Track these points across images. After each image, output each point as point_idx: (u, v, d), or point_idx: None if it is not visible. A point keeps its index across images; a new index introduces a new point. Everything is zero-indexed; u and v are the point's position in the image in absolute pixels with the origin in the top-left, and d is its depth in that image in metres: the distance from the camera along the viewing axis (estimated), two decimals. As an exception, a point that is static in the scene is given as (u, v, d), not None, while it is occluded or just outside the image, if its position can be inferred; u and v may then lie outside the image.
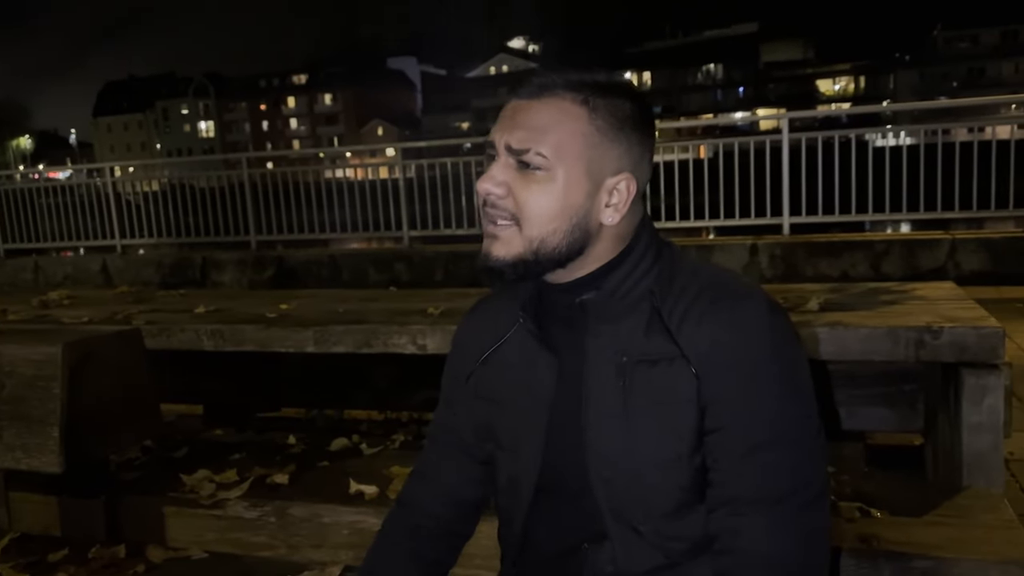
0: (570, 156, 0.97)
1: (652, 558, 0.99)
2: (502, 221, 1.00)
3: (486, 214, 1.02)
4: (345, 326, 2.54)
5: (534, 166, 0.97)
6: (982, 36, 65.62)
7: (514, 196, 0.99)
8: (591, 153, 0.98)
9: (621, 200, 1.01)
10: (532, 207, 0.98)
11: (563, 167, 0.97)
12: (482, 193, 1.01)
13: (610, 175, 1.00)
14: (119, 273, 8.88)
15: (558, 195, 0.98)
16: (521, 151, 0.98)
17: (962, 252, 6.20)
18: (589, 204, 0.99)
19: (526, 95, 1.00)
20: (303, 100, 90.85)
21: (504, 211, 1.00)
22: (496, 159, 1.01)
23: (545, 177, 0.98)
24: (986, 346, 1.94)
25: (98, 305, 3.29)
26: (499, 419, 1.11)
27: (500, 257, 1.00)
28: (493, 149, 1.02)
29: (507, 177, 0.99)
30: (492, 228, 1.01)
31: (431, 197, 8.16)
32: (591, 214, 1.00)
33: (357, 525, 2.00)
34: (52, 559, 1.93)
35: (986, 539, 1.66)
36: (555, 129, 0.97)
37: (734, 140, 7.37)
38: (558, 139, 0.97)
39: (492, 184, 1.00)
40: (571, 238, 0.99)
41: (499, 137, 1.00)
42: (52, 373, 1.87)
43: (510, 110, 1.01)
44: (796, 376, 0.97)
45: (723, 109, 69.17)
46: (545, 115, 0.98)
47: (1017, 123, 6.65)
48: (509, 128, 0.99)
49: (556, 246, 0.99)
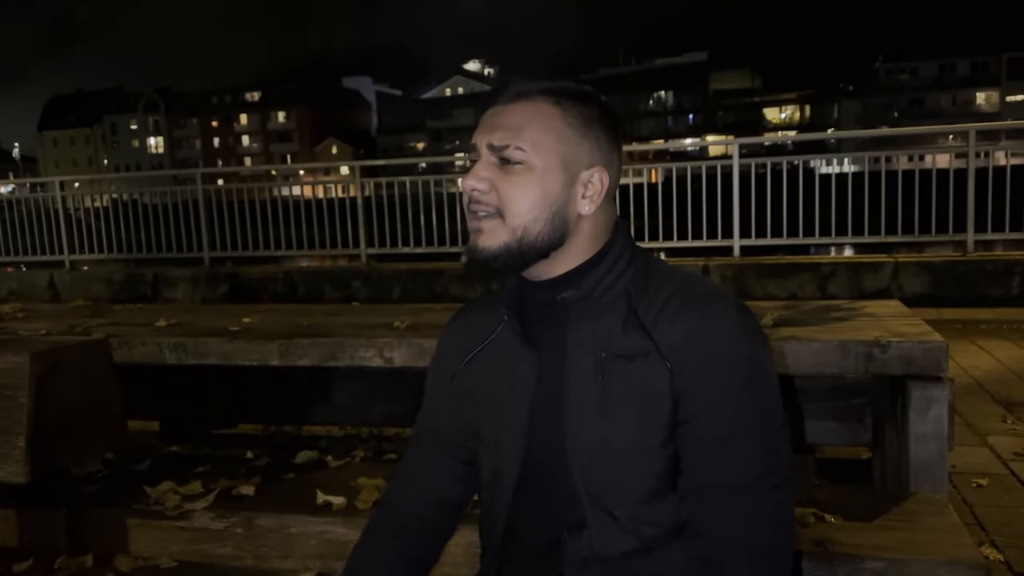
0: (546, 150, 1.06)
1: (626, 542, 1.05)
2: (485, 214, 1.07)
3: (471, 210, 1.09)
4: (311, 339, 2.54)
5: (514, 161, 1.06)
6: (921, 68, 68.13)
7: (497, 191, 1.07)
8: (565, 148, 1.07)
9: (595, 192, 1.09)
10: (514, 198, 1.06)
11: (540, 160, 1.06)
12: (467, 190, 1.08)
13: (584, 168, 1.08)
14: (67, 289, 8.69)
15: (537, 186, 1.06)
16: (502, 147, 1.06)
17: (904, 275, 6.43)
18: (566, 195, 1.08)
19: (504, 101, 1.10)
20: (256, 117, 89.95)
21: (488, 206, 1.07)
22: (478, 159, 1.09)
23: (524, 170, 1.06)
24: (931, 359, 2.04)
25: (54, 318, 3.24)
26: (482, 416, 1.17)
27: (486, 247, 1.07)
28: (476, 152, 1.10)
29: (489, 174, 1.07)
30: (477, 222, 1.08)
31: (389, 215, 8.17)
32: (569, 204, 1.08)
33: (325, 535, 2.00)
34: (17, 569, 1.90)
35: (934, 541, 1.74)
36: (531, 126, 1.06)
37: (686, 164, 7.54)
38: (534, 135, 1.06)
39: (475, 180, 1.07)
40: (551, 226, 1.07)
41: (481, 139, 1.09)
42: (19, 382, 1.85)
43: (490, 115, 1.10)
44: (762, 371, 1.04)
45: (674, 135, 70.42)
46: (522, 115, 1.07)
47: (955, 152, 6.93)
48: (490, 129, 1.08)
49: (538, 233, 1.06)
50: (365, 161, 9.14)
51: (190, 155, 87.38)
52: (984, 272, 6.33)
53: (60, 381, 1.94)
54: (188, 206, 8.85)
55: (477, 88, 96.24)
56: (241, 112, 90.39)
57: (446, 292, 7.44)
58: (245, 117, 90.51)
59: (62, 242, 9.27)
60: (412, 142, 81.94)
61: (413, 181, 8.42)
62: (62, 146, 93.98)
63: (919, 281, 6.40)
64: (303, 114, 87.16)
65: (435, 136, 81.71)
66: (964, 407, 3.63)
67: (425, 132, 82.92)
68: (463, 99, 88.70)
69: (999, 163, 6.85)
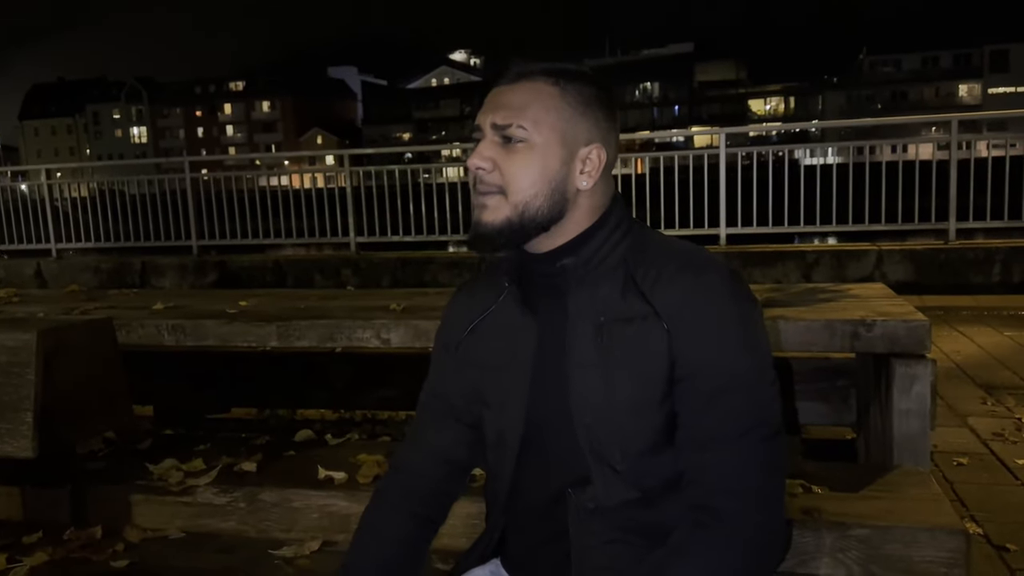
0: (546, 127, 1.11)
1: (628, 492, 1.12)
2: (488, 191, 1.13)
3: (475, 188, 1.15)
4: (309, 321, 2.57)
5: (516, 139, 1.11)
6: (905, 61, 68.53)
7: (500, 169, 1.12)
8: (564, 125, 1.12)
9: (593, 167, 1.14)
10: (516, 175, 1.11)
11: (541, 137, 1.11)
12: (472, 168, 1.13)
13: (582, 145, 1.14)
14: (54, 277, 8.67)
15: (538, 162, 1.11)
16: (504, 126, 1.11)
17: (888, 263, 6.54)
18: (565, 171, 1.13)
19: (506, 82, 1.15)
20: (240, 107, 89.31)
21: (491, 184, 1.12)
22: (482, 139, 1.14)
23: (525, 147, 1.11)
24: (915, 338, 2.10)
25: (50, 303, 3.26)
26: (486, 381, 1.22)
27: (489, 223, 1.13)
28: (479, 132, 1.15)
29: (492, 153, 1.12)
30: (481, 199, 1.14)
31: (378, 204, 8.19)
32: (568, 180, 1.13)
33: (327, 508, 2.05)
34: (27, 541, 1.94)
35: (916, 510, 1.81)
36: (532, 105, 1.11)
37: (674, 154, 7.62)
38: (535, 113, 1.11)
39: (480, 160, 1.13)
40: (551, 201, 1.12)
41: (484, 119, 1.14)
42: (26, 359, 1.89)
43: (492, 95, 1.15)
44: (754, 331, 1.11)
45: (660, 126, 70.52)
46: (523, 95, 1.12)
47: (938, 143, 7.03)
48: (493, 109, 1.13)
49: (539, 208, 1.12)
50: (353, 150, 9.15)
51: (174, 145, 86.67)
52: (965, 260, 6.45)
53: (66, 359, 1.98)
54: (176, 195, 8.83)
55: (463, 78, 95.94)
56: (225, 102, 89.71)
57: (435, 280, 7.49)
58: (229, 107, 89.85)
59: (48, 230, 9.23)
60: (398, 132, 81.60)
61: (402, 170, 8.45)
62: (44, 136, 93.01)
63: (902, 269, 6.50)
64: (288, 104, 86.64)
65: (421, 126, 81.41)
66: (946, 390, 3.72)
67: (411, 122, 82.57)
68: (449, 89, 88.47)
69: (981, 154, 6.97)
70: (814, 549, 1.75)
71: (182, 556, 1.94)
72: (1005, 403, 3.59)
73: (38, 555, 1.84)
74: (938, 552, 1.71)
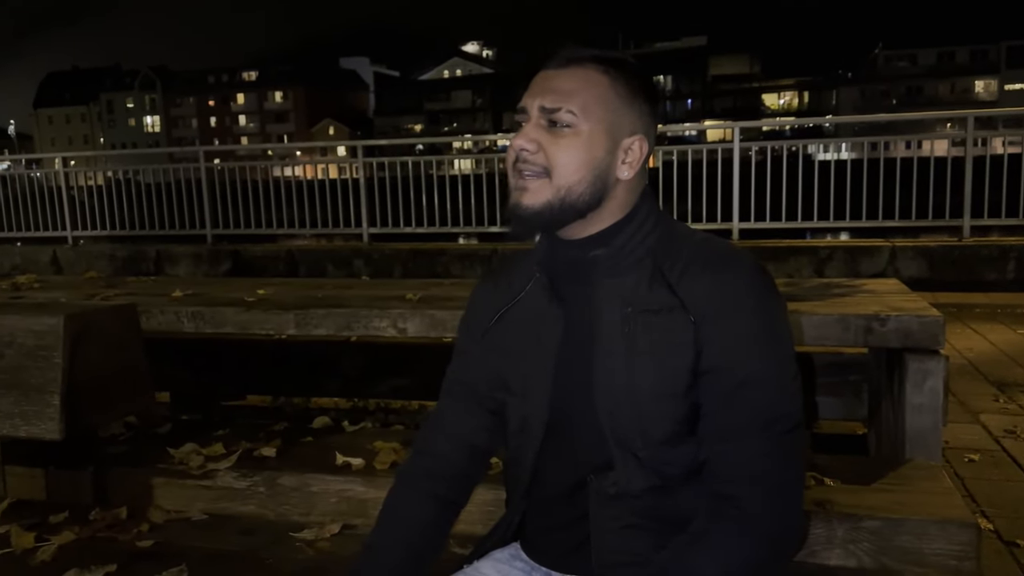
0: (594, 115, 1.13)
1: (649, 479, 1.14)
2: (531, 174, 1.14)
3: (516, 170, 1.15)
4: (326, 309, 2.60)
5: (563, 124, 1.12)
6: (920, 56, 68.01)
7: (545, 151, 1.13)
8: (611, 115, 1.14)
9: (635, 158, 1.16)
10: (561, 159, 1.13)
11: (588, 124, 1.13)
12: (516, 149, 1.15)
13: (626, 135, 1.16)
14: (70, 264, 8.75)
15: (583, 149, 1.13)
16: (553, 110, 1.12)
17: (901, 259, 6.53)
18: (609, 159, 1.15)
19: (555, 65, 1.16)
20: (253, 97, 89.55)
21: (536, 165, 1.14)
22: (527, 121, 1.15)
23: (572, 133, 1.13)
24: (928, 333, 2.11)
25: (70, 289, 3.30)
26: (511, 367, 1.25)
27: (529, 205, 1.14)
28: (524, 113, 1.16)
29: (538, 135, 1.14)
30: (522, 181, 1.15)
31: (391, 195, 8.22)
32: (610, 168, 1.15)
33: (345, 493, 2.09)
34: (53, 521, 1.98)
35: (927, 503, 1.82)
36: (582, 92, 1.13)
37: (687, 148, 7.62)
38: (584, 100, 1.12)
39: (525, 140, 1.14)
40: (593, 188, 1.14)
41: (531, 101, 1.15)
42: (53, 343, 1.93)
43: (540, 78, 1.17)
44: (778, 325, 1.13)
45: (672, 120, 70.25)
46: (573, 81, 1.14)
47: (953, 139, 7.01)
48: (541, 92, 1.14)
49: (580, 194, 1.13)
50: (367, 141, 9.19)
51: (187, 134, 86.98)
52: (979, 257, 6.43)
53: (92, 343, 2.02)
54: (191, 184, 8.88)
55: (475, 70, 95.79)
56: (238, 92, 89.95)
57: (447, 271, 7.52)
58: (242, 97, 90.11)
59: (65, 218, 9.30)
60: (409, 124, 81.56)
61: (415, 162, 8.47)
62: (58, 124, 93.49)
63: (915, 265, 6.49)
64: (300, 94, 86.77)
65: (432, 118, 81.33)
66: (958, 387, 3.73)
67: (422, 114, 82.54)
68: (461, 81, 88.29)
69: (996, 151, 6.94)
70: (826, 540, 1.77)
71: (205, 537, 1.98)
72: (1017, 400, 3.60)
73: (65, 534, 1.88)
74: (949, 545, 1.73)
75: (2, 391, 1.99)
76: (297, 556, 1.88)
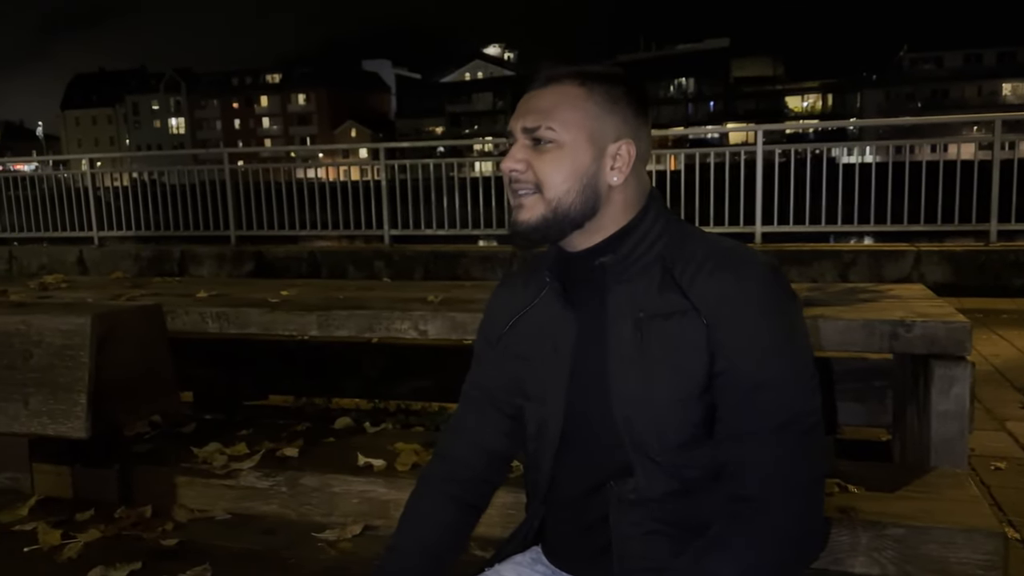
0: (574, 127, 1.16)
1: (668, 484, 1.14)
2: (524, 192, 1.18)
3: (512, 189, 1.20)
4: (348, 311, 2.62)
5: (546, 140, 1.16)
6: (946, 58, 67.28)
7: (533, 169, 1.17)
8: (591, 123, 1.16)
9: (623, 163, 1.18)
10: (549, 173, 1.16)
11: (569, 136, 1.15)
12: (506, 171, 1.19)
13: (611, 141, 1.18)
14: (96, 265, 8.86)
15: (568, 161, 1.16)
16: (534, 128, 1.16)
17: (926, 264, 6.45)
18: (596, 167, 1.17)
19: (536, 86, 1.20)
20: (276, 99, 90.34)
21: (527, 183, 1.18)
22: (515, 143, 1.19)
23: (555, 147, 1.16)
24: (954, 339, 2.09)
25: (97, 289, 3.35)
26: (527, 373, 1.26)
27: (526, 221, 1.18)
28: (512, 137, 1.20)
29: (524, 155, 1.18)
30: (517, 200, 1.19)
31: (413, 198, 8.25)
32: (599, 176, 1.17)
33: (367, 494, 2.10)
34: (80, 518, 2.01)
35: (953, 511, 1.81)
36: (560, 107, 1.16)
37: (709, 151, 7.58)
38: (562, 114, 1.16)
39: (513, 162, 1.18)
40: (583, 196, 1.17)
41: (516, 124, 1.19)
42: (81, 343, 1.96)
43: (523, 101, 1.21)
44: (793, 325, 1.13)
45: (694, 123, 70.00)
46: (551, 98, 1.17)
47: (980, 143, 6.92)
48: (523, 114, 1.19)
49: (571, 204, 1.16)
50: (389, 143, 9.23)
51: (211, 136, 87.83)
52: (1006, 262, 6.34)
53: (118, 343, 2.04)
54: (215, 185, 8.97)
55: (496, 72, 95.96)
56: (261, 94, 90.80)
57: (467, 274, 7.54)
58: (265, 99, 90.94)
59: (91, 219, 9.42)
60: (430, 126, 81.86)
61: (437, 164, 8.50)
62: (84, 125, 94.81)
63: (941, 270, 6.41)
64: (323, 97, 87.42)
65: (453, 120, 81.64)
66: (984, 393, 3.67)
67: (444, 116, 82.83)
68: (482, 83, 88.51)
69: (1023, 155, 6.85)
70: (849, 547, 1.76)
71: (228, 536, 2.00)
72: (1045, 407, 3.54)
73: (91, 532, 1.91)
74: (975, 554, 1.71)
75: (31, 390, 2.02)
76: (319, 556, 1.90)
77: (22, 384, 2.05)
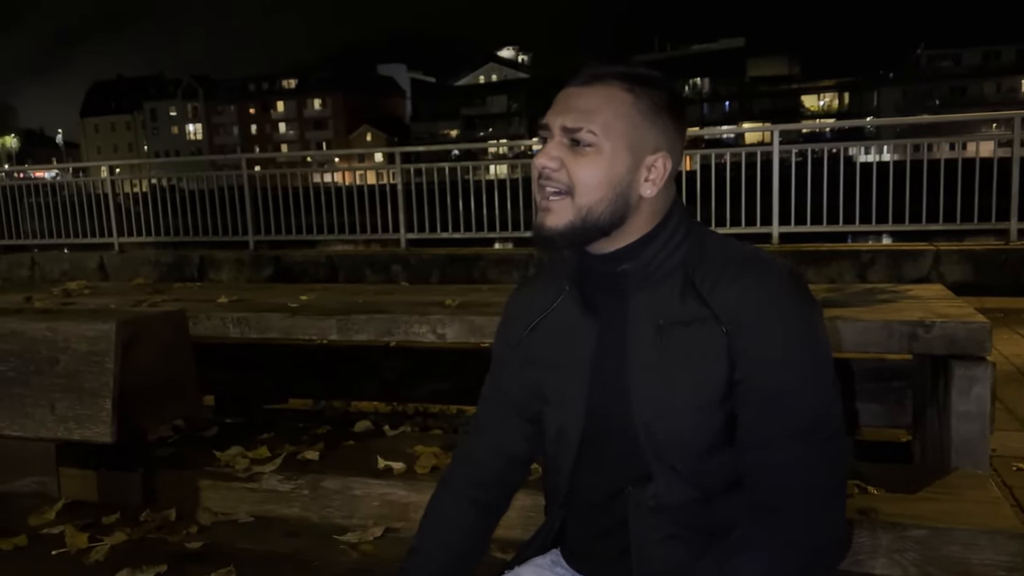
0: (615, 134, 1.12)
1: (689, 493, 1.14)
2: (554, 194, 1.14)
3: (540, 188, 1.16)
4: (368, 315, 2.64)
5: (585, 143, 1.12)
6: (964, 56, 66.62)
7: (567, 169, 1.13)
8: (633, 132, 1.13)
9: (658, 175, 1.15)
10: (583, 178, 1.13)
11: (609, 143, 1.12)
12: (538, 167, 1.15)
13: (649, 152, 1.15)
14: (116, 271, 8.95)
15: (605, 167, 1.12)
16: (574, 129, 1.12)
17: (945, 263, 6.40)
18: (630, 177, 1.14)
19: (579, 83, 1.16)
20: (292, 104, 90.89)
21: (558, 183, 1.14)
22: (550, 139, 1.16)
23: (593, 152, 1.12)
24: (974, 339, 2.08)
25: (119, 295, 3.39)
26: (547, 378, 1.25)
27: (553, 227, 1.14)
28: (547, 131, 1.16)
29: (560, 153, 1.13)
30: (545, 202, 1.15)
31: (428, 201, 8.29)
32: (632, 186, 1.15)
33: (387, 497, 2.12)
34: (106, 521, 2.04)
35: (975, 512, 1.80)
36: (603, 110, 1.12)
37: (725, 151, 7.57)
38: (606, 119, 1.12)
39: (547, 159, 1.14)
40: (614, 206, 1.14)
41: (554, 120, 1.15)
42: (106, 348, 1.99)
43: (564, 96, 1.16)
44: (813, 331, 1.12)
45: (710, 123, 69.66)
46: (595, 99, 1.13)
47: (998, 140, 6.86)
48: (564, 111, 1.14)
49: (601, 213, 1.13)
50: (404, 147, 9.27)
51: (228, 141, 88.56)
52: (1027, 261, 6.28)
53: (142, 349, 2.07)
54: (233, 191, 9.04)
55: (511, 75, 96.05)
56: (278, 99, 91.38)
57: (484, 277, 7.55)
58: (281, 104, 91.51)
59: (111, 225, 9.52)
60: (445, 129, 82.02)
61: (452, 167, 8.52)
62: (103, 132, 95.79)
63: (960, 270, 6.36)
64: (339, 101, 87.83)
65: (468, 123, 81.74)
66: (1005, 394, 3.64)
67: (458, 119, 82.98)
68: (496, 86, 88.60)
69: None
70: (870, 549, 1.76)
71: (252, 539, 2.02)
72: (1068, 408, 3.51)
73: (117, 534, 1.94)
74: (998, 555, 1.70)
75: (58, 395, 2.06)
76: (342, 559, 1.92)
77: (49, 390, 2.08)
